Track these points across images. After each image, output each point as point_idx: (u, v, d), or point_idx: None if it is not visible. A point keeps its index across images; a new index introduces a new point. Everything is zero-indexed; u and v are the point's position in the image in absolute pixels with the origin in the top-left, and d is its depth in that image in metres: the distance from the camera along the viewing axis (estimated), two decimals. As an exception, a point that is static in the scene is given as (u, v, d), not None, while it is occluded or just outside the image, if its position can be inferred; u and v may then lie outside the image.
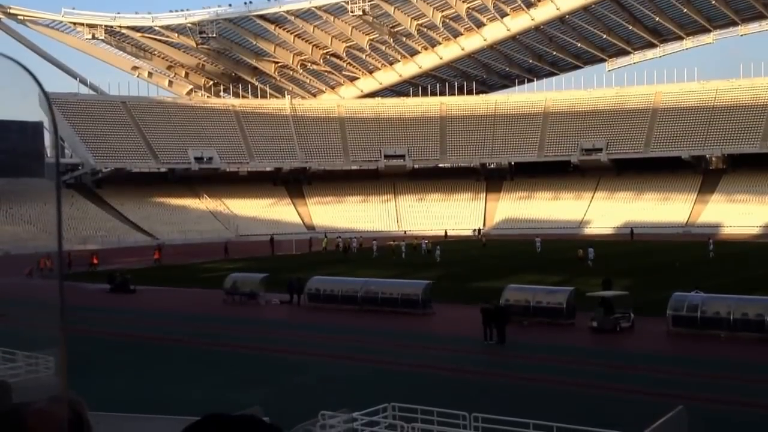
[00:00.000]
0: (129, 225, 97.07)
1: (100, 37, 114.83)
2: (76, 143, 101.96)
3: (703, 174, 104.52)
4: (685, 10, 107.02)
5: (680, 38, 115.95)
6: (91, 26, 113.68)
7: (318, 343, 31.72)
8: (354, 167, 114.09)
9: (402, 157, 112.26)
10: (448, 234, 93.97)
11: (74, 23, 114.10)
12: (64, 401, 2.11)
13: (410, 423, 17.05)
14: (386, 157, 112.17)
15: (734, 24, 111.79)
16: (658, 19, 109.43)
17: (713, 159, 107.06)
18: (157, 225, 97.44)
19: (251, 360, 28.70)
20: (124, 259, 68.16)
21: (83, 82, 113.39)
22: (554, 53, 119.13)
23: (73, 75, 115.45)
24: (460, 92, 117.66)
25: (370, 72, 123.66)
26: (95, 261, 62.86)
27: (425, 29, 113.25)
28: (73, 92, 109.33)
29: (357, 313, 38.39)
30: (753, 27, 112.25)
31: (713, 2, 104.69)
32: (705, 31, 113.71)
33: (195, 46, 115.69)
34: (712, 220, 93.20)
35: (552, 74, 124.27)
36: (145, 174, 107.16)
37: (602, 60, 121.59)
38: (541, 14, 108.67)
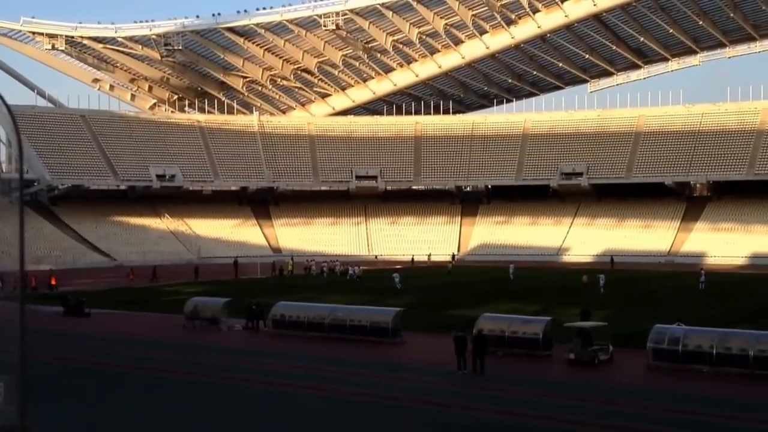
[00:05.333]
0: (85, 245, 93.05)
1: (61, 48, 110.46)
2: (32, 158, 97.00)
3: (687, 201, 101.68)
4: (671, 31, 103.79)
5: (665, 60, 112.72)
6: (51, 36, 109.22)
7: (282, 372, 30.55)
8: (324, 188, 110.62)
9: (374, 178, 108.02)
10: (420, 259, 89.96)
11: (33, 33, 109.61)
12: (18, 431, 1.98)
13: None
14: (358, 177, 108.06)
15: (722, 46, 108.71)
16: (642, 39, 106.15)
17: (698, 186, 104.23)
18: (115, 245, 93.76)
19: (211, 389, 27.30)
20: (80, 281, 66.20)
21: (41, 94, 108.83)
22: (534, 73, 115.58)
23: (31, 87, 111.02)
24: (436, 111, 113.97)
25: (343, 89, 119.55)
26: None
27: (401, 45, 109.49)
28: (31, 105, 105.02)
29: (324, 340, 36.93)
30: (741, 49, 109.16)
31: (700, 23, 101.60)
32: (691, 52, 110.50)
33: (159, 58, 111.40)
34: (695, 250, 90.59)
35: (532, 95, 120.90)
36: (104, 191, 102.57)
37: (584, 81, 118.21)
38: (522, 32, 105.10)
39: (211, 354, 34.39)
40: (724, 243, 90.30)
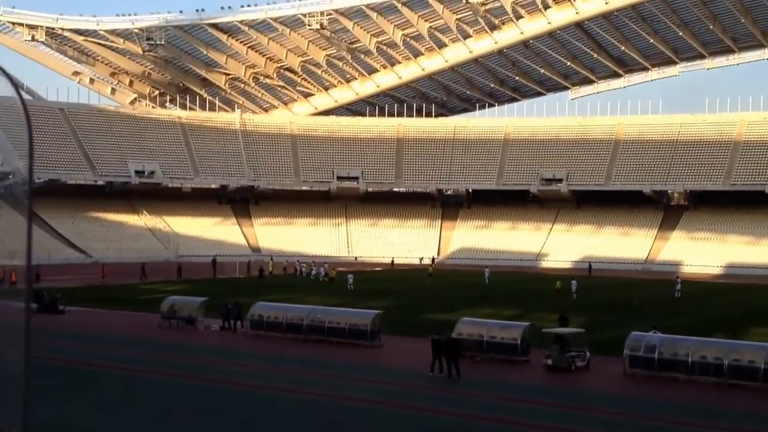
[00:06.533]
0: (61, 240, 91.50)
1: (41, 39, 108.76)
2: (9, 151, 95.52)
3: (665, 210, 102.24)
4: (651, 41, 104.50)
5: (646, 69, 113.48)
6: (31, 27, 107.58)
7: (259, 373, 30.54)
8: (305, 188, 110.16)
9: (355, 179, 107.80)
10: (401, 262, 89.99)
11: (13, 23, 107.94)
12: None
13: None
14: (339, 178, 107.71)
15: (701, 57, 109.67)
16: (623, 48, 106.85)
17: (675, 195, 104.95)
18: (91, 242, 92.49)
19: (186, 390, 27.39)
20: (55, 277, 64.31)
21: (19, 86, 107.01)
22: (517, 78, 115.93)
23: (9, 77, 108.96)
24: (419, 114, 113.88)
25: (326, 89, 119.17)
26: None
27: (385, 47, 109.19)
28: (8, 96, 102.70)
29: (302, 342, 36.73)
30: (720, 61, 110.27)
31: (680, 34, 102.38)
32: (671, 63, 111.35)
33: (141, 53, 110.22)
34: (672, 258, 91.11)
35: (514, 100, 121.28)
36: (81, 186, 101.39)
37: (566, 88, 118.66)
38: (505, 38, 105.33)
39: (188, 354, 34.08)
40: (700, 252, 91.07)
